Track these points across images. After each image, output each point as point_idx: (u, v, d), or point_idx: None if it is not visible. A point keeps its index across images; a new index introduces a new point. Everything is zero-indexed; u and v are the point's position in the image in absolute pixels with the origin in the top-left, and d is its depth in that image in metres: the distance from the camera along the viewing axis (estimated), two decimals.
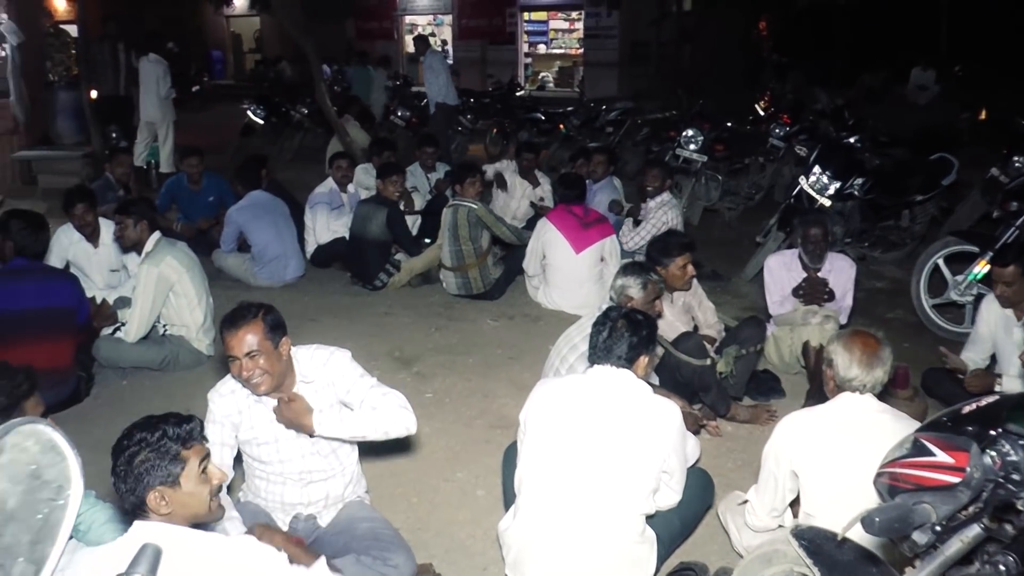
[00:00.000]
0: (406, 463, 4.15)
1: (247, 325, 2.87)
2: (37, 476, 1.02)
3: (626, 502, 2.87)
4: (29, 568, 1.00)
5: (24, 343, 4.41)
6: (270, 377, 2.91)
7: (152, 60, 11.13)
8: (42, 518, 1.02)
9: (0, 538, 0.96)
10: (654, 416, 2.94)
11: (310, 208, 7.46)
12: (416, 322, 6.23)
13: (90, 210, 5.69)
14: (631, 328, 3.09)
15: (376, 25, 28.18)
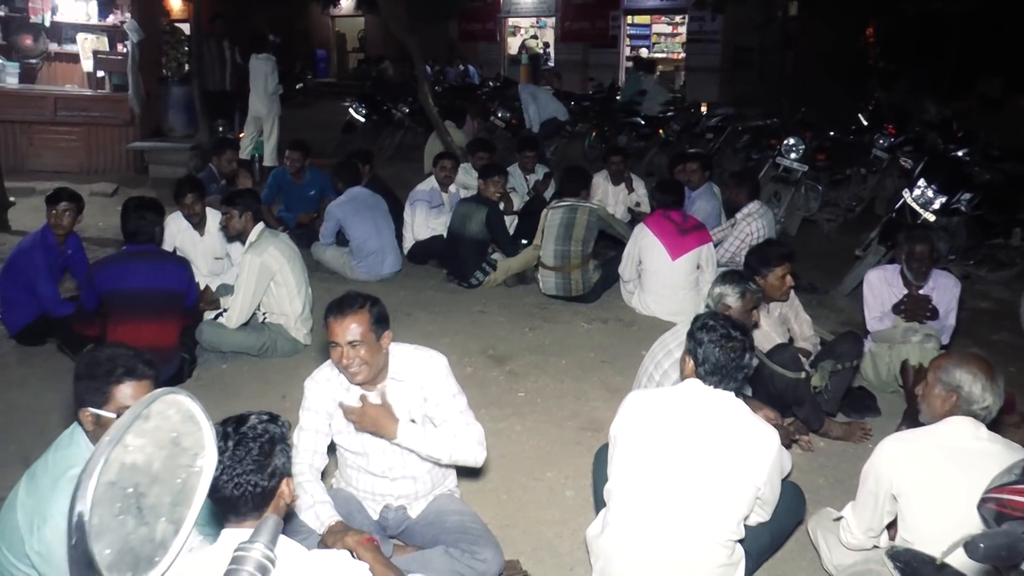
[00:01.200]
0: (496, 460, 4.19)
1: (354, 314, 2.93)
2: (177, 443, 1.11)
3: (716, 525, 2.82)
4: (170, 528, 1.09)
5: (133, 321, 4.70)
6: (368, 368, 2.97)
7: (261, 58, 11.48)
8: (180, 482, 1.11)
9: (146, 497, 1.05)
10: (752, 441, 2.85)
11: (410, 205, 7.60)
12: (510, 321, 6.30)
13: (199, 200, 5.94)
14: None
15: (479, 27, 28.41)
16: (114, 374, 2.45)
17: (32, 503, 2.42)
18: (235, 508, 2.00)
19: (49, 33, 11.57)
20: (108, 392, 2.44)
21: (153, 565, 1.06)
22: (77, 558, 0.96)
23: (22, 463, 4.06)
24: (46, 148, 11.22)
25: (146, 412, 1.06)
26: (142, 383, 2.48)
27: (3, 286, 5.51)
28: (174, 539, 1.10)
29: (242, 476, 1.99)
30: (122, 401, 2.44)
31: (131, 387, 2.46)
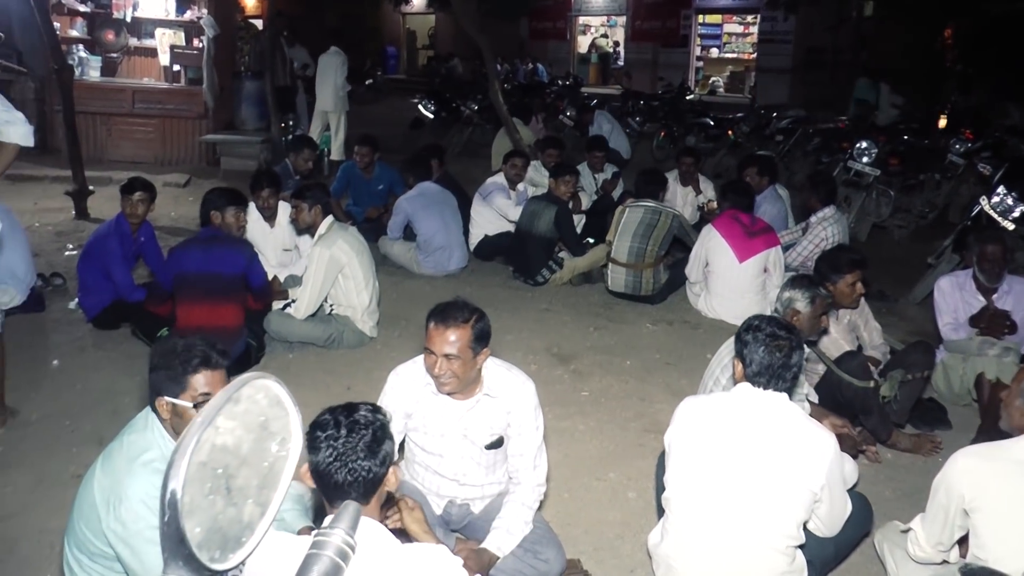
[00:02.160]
0: (559, 459, 4.19)
1: (456, 327, 2.87)
2: (265, 427, 1.13)
3: (775, 530, 2.77)
4: (256, 510, 1.11)
5: (192, 302, 4.89)
6: (457, 381, 2.93)
7: (331, 53, 11.63)
8: (268, 466, 1.13)
9: (235, 479, 1.07)
10: (807, 444, 2.79)
11: (482, 198, 7.61)
12: (575, 320, 6.29)
13: (275, 194, 6.05)
14: (795, 345, 3.01)
15: (550, 25, 28.44)
16: (190, 364, 2.50)
17: (108, 483, 2.48)
18: (345, 494, 2.02)
19: (130, 28, 11.89)
20: (184, 382, 2.50)
21: (240, 545, 1.08)
22: (169, 534, 0.98)
23: (97, 443, 4.21)
24: (124, 139, 11.54)
25: (236, 395, 1.08)
26: (216, 373, 2.54)
27: (81, 272, 5.70)
28: (260, 521, 1.12)
29: (356, 462, 2.02)
30: (198, 390, 2.50)
31: (206, 376, 2.51)
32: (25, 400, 4.67)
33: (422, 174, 7.36)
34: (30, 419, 4.52)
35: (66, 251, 7.55)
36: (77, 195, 8.77)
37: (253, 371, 1.16)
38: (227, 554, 1.06)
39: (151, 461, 2.49)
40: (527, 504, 3.13)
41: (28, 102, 10.98)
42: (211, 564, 1.02)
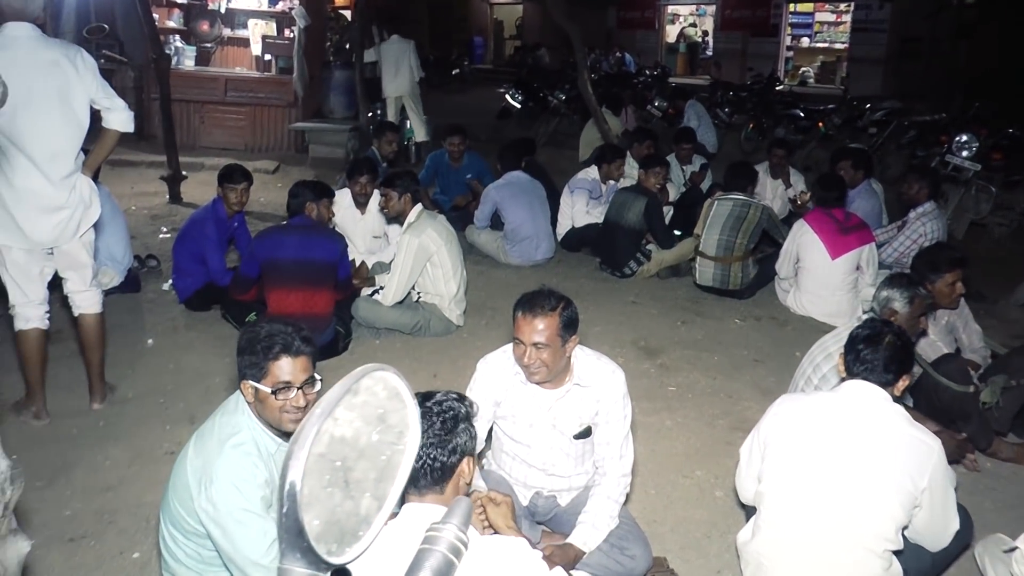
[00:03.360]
0: (645, 454, 4.13)
1: (544, 315, 2.85)
2: (383, 420, 1.11)
3: (872, 532, 2.68)
4: (373, 503, 1.10)
5: (284, 288, 4.95)
6: (547, 370, 2.91)
7: (393, 41, 11.67)
8: (385, 459, 1.11)
9: (353, 472, 1.06)
10: (911, 447, 2.68)
11: (570, 192, 7.56)
12: (662, 314, 6.21)
13: (371, 182, 6.09)
14: (900, 344, 2.90)
15: (638, 14, 28.14)
16: (272, 351, 2.52)
17: (200, 463, 2.52)
18: (414, 480, 2.01)
19: (224, 19, 12.19)
20: (266, 367, 2.52)
21: (357, 539, 1.07)
22: (288, 526, 0.97)
23: (189, 422, 4.31)
24: (216, 126, 11.81)
25: (356, 387, 1.06)
26: (299, 359, 2.55)
27: (176, 254, 5.85)
28: (377, 515, 1.10)
29: (422, 449, 2.00)
30: (279, 376, 2.52)
31: (288, 363, 2.53)
32: (122, 378, 4.80)
33: (512, 163, 7.34)
34: (127, 396, 4.65)
35: (160, 234, 7.76)
36: (171, 180, 9.02)
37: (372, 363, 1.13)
38: (344, 548, 1.04)
39: (241, 443, 2.53)
40: (613, 498, 3.09)
41: (127, 90, 11.32)
42: (328, 557, 1.01)
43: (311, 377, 2.57)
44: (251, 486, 2.47)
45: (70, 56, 3.93)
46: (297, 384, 2.52)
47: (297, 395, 2.53)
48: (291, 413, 2.54)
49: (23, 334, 4.14)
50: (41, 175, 3.89)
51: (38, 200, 3.91)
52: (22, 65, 3.70)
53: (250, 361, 2.54)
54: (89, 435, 4.23)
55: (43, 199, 3.93)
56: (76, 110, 3.96)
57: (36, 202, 3.92)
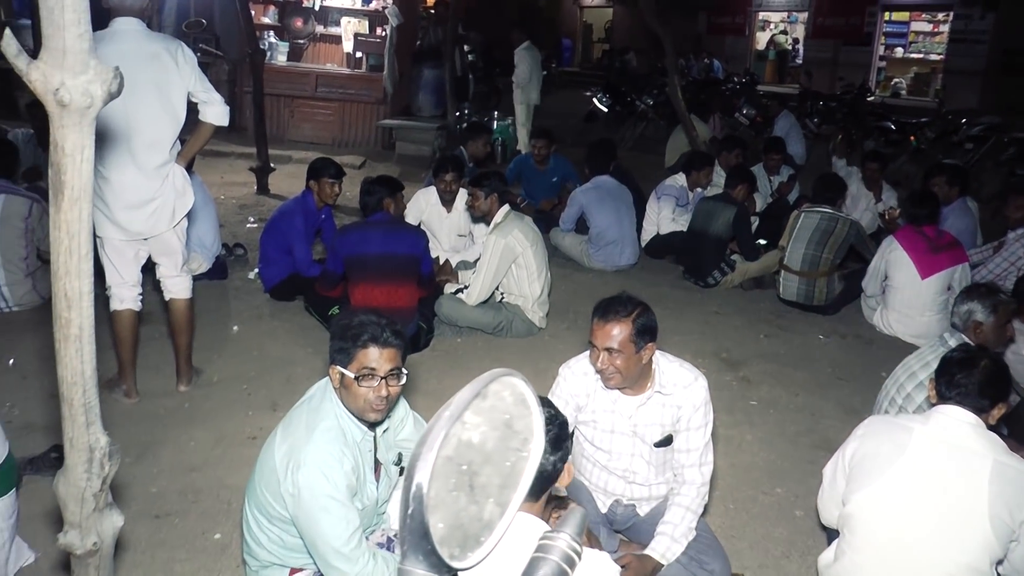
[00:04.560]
0: (725, 467, 4.06)
1: (617, 321, 2.83)
2: (509, 425, 1.10)
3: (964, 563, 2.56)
4: (496, 510, 1.09)
5: (368, 283, 5.01)
6: (620, 377, 2.89)
7: (527, 47, 11.71)
8: (509, 465, 1.10)
9: (478, 476, 1.05)
10: (1009, 479, 2.55)
11: (656, 198, 7.48)
12: (745, 325, 6.11)
13: (457, 180, 6.12)
14: (996, 370, 2.78)
15: (728, 20, 27.75)
16: (361, 338, 2.55)
17: (287, 449, 2.56)
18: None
19: (317, 16, 12.41)
20: (353, 353, 2.54)
21: (479, 544, 1.06)
22: (413, 527, 0.96)
23: (271, 408, 4.39)
24: (304, 120, 12.04)
25: (484, 391, 1.06)
26: (386, 350, 2.56)
27: (264, 244, 5.97)
28: (500, 521, 1.09)
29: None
30: (364, 364, 2.53)
31: (375, 352, 2.54)
32: (208, 362, 4.91)
33: (600, 167, 7.30)
34: (212, 380, 4.76)
35: (248, 223, 7.94)
36: (260, 172, 9.22)
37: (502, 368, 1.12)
38: (466, 552, 1.04)
39: (328, 430, 2.55)
40: (692, 509, 3.04)
41: (221, 83, 11.61)
42: (450, 561, 1.00)
43: (397, 369, 2.58)
44: (337, 473, 2.49)
45: (171, 50, 4.03)
46: (381, 373, 2.54)
47: (380, 384, 2.54)
48: (373, 403, 2.55)
49: (117, 314, 4.27)
50: (135, 166, 4.00)
51: (132, 193, 4.02)
52: (127, 57, 3.80)
53: (340, 346, 2.57)
54: (175, 416, 4.35)
55: (137, 191, 4.03)
56: (173, 102, 4.06)
57: (130, 195, 4.02)
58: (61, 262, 1.81)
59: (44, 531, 3.31)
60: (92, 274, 1.86)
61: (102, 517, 2.07)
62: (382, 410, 2.58)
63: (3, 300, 5.43)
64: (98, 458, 1.99)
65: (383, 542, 2.75)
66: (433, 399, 4.62)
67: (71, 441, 1.96)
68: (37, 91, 1.69)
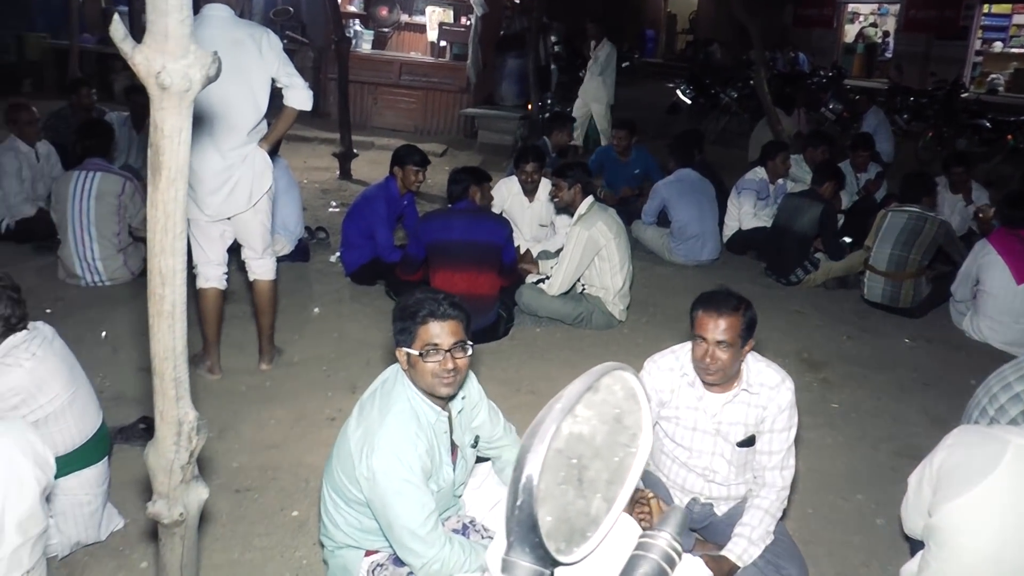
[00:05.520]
0: (803, 471, 3.95)
1: (729, 314, 2.81)
2: (619, 420, 1.10)
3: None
4: (603, 505, 1.08)
5: (449, 269, 5.06)
6: (723, 372, 2.86)
7: (608, 43, 11.62)
8: (618, 461, 1.10)
9: (587, 471, 1.05)
10: None
11: (737, 193, 7.38)
12: (827, 326, 5.97)
13: (539, 169, 6.12)
14: None
15: (815, 12, 27.06)
16: (419, 315, 2.56)
17: (362, 432, 2.59)
18: None
19: (402, 5, 12.57)
20: (415, 331, 2.56)
21: (585, 539, 1.06)
22: (522, 519, 0.96)
23: (350, 390, 4.46)
24: (388, 108, 12.18)
25: (596, 384, 1.05)
26: (447, 323, 2.57)
27: (346, 228, 6.05)
28: (606, 517, 1.09)
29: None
30: (427, 340, 2.54)
31: (436, 326, 2.55)
32: (289, 342, 5.01)
33: (684, 159, 7.22)
34: (292, 360, 4.85)
35: (330, 208, 8.06)
36: (343, 157, 9.36)
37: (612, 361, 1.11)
38: (572, 547, 1.03)
39: (400, 413, 2.57)
40: (771, 512, 2.98)
41: (306, 70, 11.81)
42: (557, 555, 1.00)
43: (461, 341, 2.58)
44: (411, 455, 2.51)
45: (256, 36, 4.11)
46: (445, 347, 2.54)
47: (446, 358, 2.54)
48: (441, 376, 2.55)
49: (203, 292, 4.38)
50: (215, 149, 4.08)
51: (210, 174, 4.10)
52: (213, 43, 3.86)
53: (401, 327, 2.59)
54: (256, 394, 4.44)
55: (215, 173, 4.11)
56: (255, 88, 4.13)
57: (208, 176, 4.10)
58: (156, 240, 1.85)
59: (132, 499, 3.43)
60: (185, 253, 1.90)
61: (188, 489, 2.13)
62: (452, 383, 2.58)
63: (97, 274, 5.62)
64: (186, 431, 2.04)
65: (459, 528, 2.76)
66: (510, 388, 4.63)
67: (161, 414, 2.02)
68: (140, 74, 1.73)
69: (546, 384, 4.71)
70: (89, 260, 5.59)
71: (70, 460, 2.96)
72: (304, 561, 3.19)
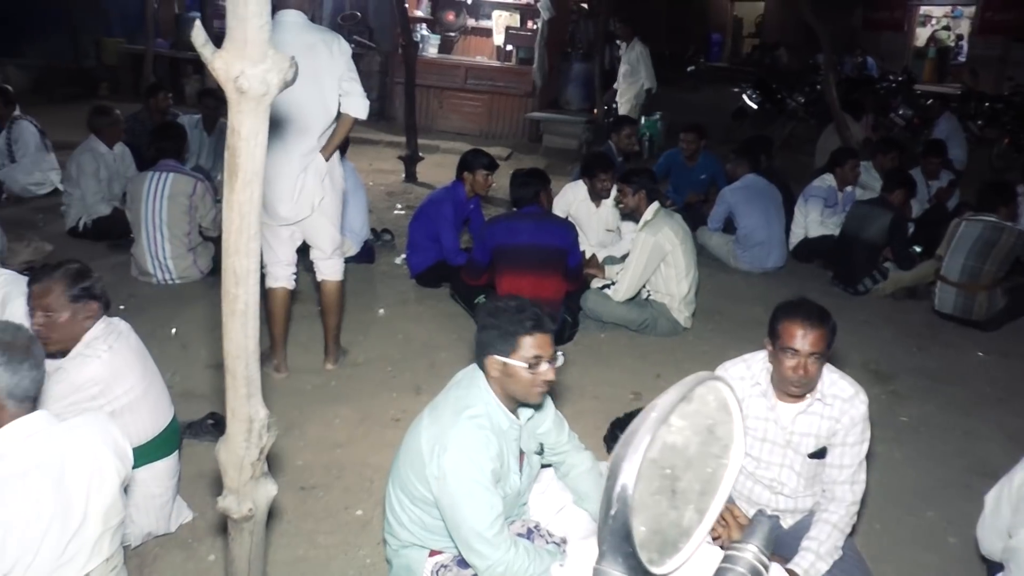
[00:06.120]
0: (871, 486, 3.79)
1: (820, 326, 2.75)
2: (711, 431, 1.09)
3: None
4: (695, 517, 1.08)
5: (516, 273, 5.05)
6: (811, 384, 2.83)
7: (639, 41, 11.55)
8: (710, 472, 1.09)
9: (680, 481, 1.04)
10: None
11: (804, 200, 7.25)
12: (896, 337, 5.84)
13: (612, 178, 6.08)
14: None
15: (886, 15, 26.45)
16: (523, 325, 2.57)
17: (434, 432, 2.60)
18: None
19: (469, 10, 12.67)
20: (515, 342, 2.56)
21: (676, 551, 1.05)
22: (615, 528, 0.96)
23: (414, 392, 4.50)
24: (453, 112, 12.26)
25: (690, 394, 1.04)
26: (546, 336, 2.59)
27: (412, 231, 6.10)
28: (698, 529, 1.08)
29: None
30: (526, 352, 2.55)
31: (538, 339, 2.57)
32: (354, 343, 5.07)
33: (750, 165, 7.13)
34: (357, 361, 4.91)
35: (395, 210, 8.14)
36: (408, 160, 9.44)
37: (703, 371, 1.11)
38: (664, 558, 1.03)
39: (476, 416, 2.58)
40: (840, 527, 2.93)
41: (373, 74, 11.99)
42: (649, 566, 0.99)
43: (555, 353, 2.62)
44: (483, 457, 2.52)
45: (327, 41, 4.17)
46: (548, 359, 2.57)
47: (548, 369, 2.57)
48: (540, 387, 2.59)
49: (271, 292, 4.46)
50: (285, 153, 4.14)
51: (279, 178, 4.16)
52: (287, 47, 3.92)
53: (498, 336, 2.58)
54: (322, 393, 4.50)
55: (283, 177, 4.18)
56: (325, 93, 4.19)
57: (277, 180, 4.16)
58: (232, 241, 1.88)
59: (200, 492, 3.50)
60: (259, 253, 1.93)
61: (257, 485, 2.16)
62: (544, 393, 2.64)
63: (168, 272, 5.75)
64: (256, 429, 2.07)
65: (524, 532, 2.76)
66: (575, 393, 4.63)
67: (233, 411, 2.05)
68: (219, 78, 1.76)
69: (609, 390, 4.69)
70: (160, 258, 5.73)
71: (143, 452, 3.03)
72: (368, 560, 3.22)
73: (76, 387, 2.89)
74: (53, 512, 2.13)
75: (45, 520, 2.11)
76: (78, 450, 2.23)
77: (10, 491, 2.08)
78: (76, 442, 2.24)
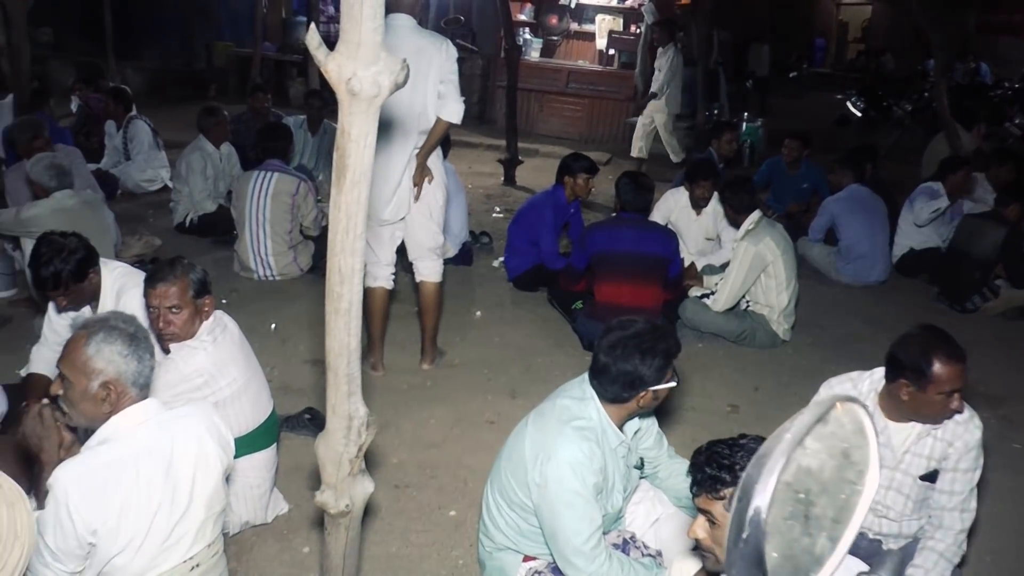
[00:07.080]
0: (982, 514, 3.53)
1: (965, 358, 2.68)
2: (847, 455, 1.05)
3: None
4: (828, 545, 1.04)
5: (615, 281, 5.01)
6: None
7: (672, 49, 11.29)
8: (844, 498, 1.05)
9: (813, 507, 1.01)
10: None
11: (909, 203, 6.95)
12: (1007, 359, 5.56)
13: (714, 186, 5.97)
14: None
15: (1004, 18, 25.21)
16: (670, 355, 2.58)
17: (539, 439, 2.60)
18: None
19: (572, 14, 12.67)
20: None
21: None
22: (747, 554, 0.94)
23: (510, 395, 4.50)
24: (553, 115, 12.28)
25: (826, 416, 1.01)
26: None
27: (511, 234, 6.14)
28: (830, 557, 1.05)
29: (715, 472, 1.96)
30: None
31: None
32: (451, 344, 5.11)
33: (854, 175, 6.90)
34: (454, 362, 4.94)
35: (493, 213, 8.18)
36: (507, 163, 9.48)
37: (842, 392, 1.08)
38: None
39: (583, 428, 2.56)
40: (946, 556, 2.81)
41: (475, 77, 12.09)
42: None
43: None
44: (587, 470, 2.50)
45: (436, 44, 4.22)
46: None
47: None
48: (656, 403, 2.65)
49: (370, 291, 4.51)
50: (388, 155, 4.19)
51: (381, 182, 4.21)
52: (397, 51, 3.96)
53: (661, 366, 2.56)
54: (418, 392, 4.55)
55: (384, 178, 4.22)
56: (428, 96, 4.22)
57: (380, 184, 4.21)
58: (338, 240, 1.90)
59: (296, 485, 3.58)
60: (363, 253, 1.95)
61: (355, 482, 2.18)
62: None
63: (269, 269, 5.90)
64: (356, 426, 2.09)
65: (619, 543, 2.74)
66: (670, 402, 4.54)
67: (333, 408, 2.07)
68: (331, 80, 1.79)
69: (706, 401, 4.61)
70: (262, 255, 5.88)
71: (244, 443, 3.10)
72: (460, 561, 3.24)
73: (183, 377, 2.99)
74: (162, 496, 2.22)
75: (155, 503, 2.20)
76: (185, 438, 2.32)
77: (125, 474, 2.17)
78: (183, 430, 2.32)
